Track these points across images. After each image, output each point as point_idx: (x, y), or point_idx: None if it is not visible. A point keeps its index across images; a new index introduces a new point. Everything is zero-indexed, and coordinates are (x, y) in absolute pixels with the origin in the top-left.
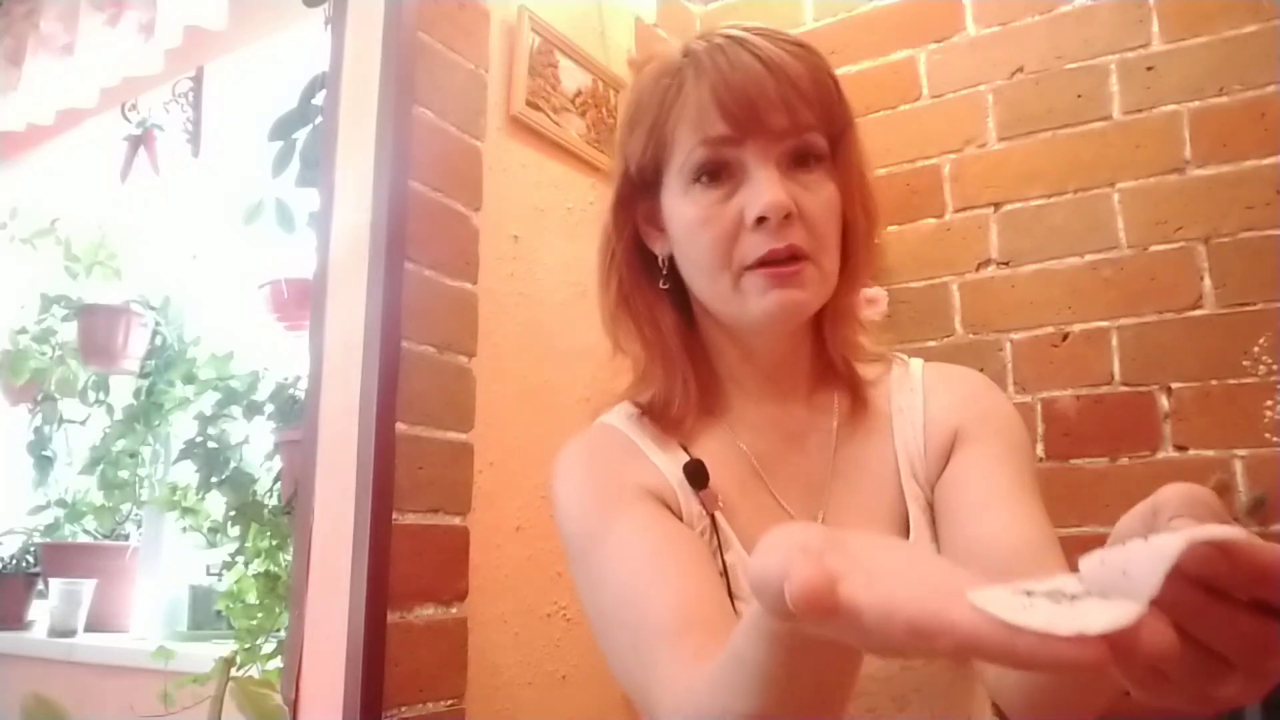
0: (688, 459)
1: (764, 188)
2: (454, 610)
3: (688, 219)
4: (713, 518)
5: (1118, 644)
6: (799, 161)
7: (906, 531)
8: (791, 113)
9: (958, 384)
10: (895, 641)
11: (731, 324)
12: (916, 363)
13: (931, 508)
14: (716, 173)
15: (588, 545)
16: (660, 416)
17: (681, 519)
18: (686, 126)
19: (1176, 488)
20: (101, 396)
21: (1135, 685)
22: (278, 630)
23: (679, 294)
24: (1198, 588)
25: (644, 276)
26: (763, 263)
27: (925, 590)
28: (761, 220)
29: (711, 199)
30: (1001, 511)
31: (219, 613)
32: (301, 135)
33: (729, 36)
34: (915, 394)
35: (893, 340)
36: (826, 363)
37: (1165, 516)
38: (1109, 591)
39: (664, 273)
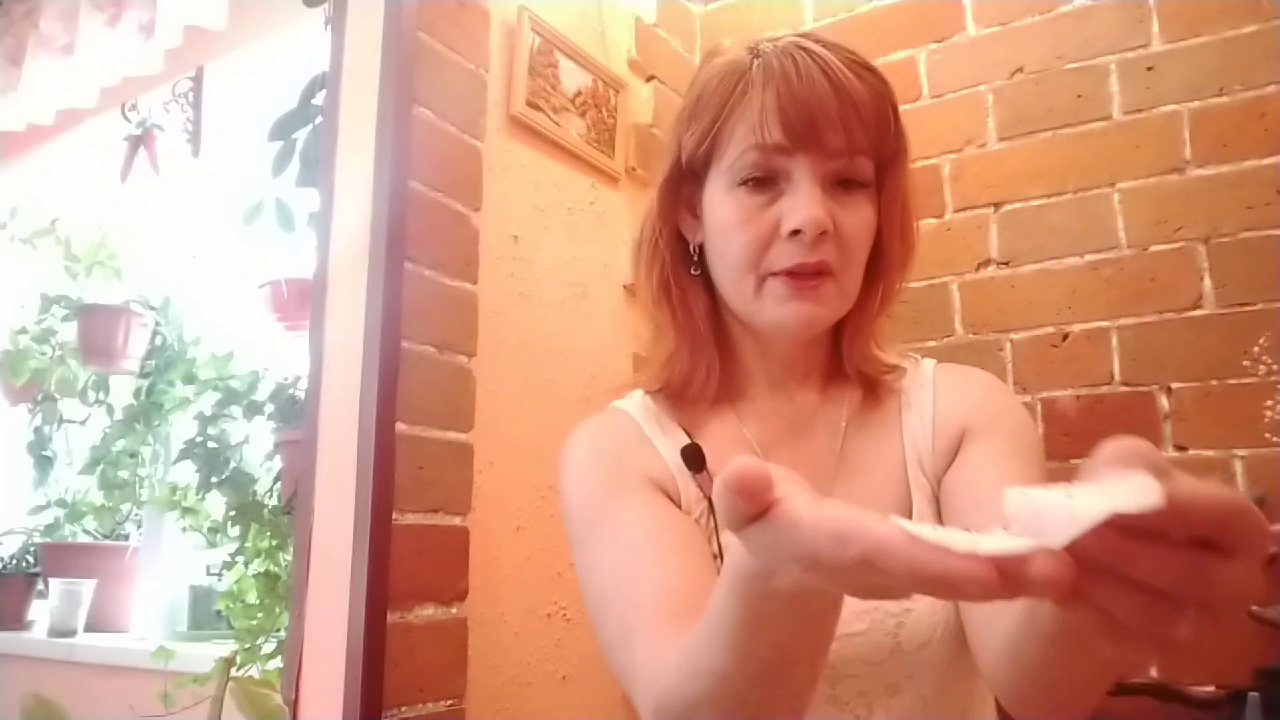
0: (686, 443)
1: (805, 203)
2: (454, 610)
3: (726, 217)
4: (709, 500)
5: (1005, 569)
6: (843, 182)
7: (904, 516)
8: (849, 134)
9: (968, 382)
10: (822, 550)
11: (748, 322)
12: (929, 362)
13: (938, 500)
14: (762, 179)
15: (586, 531)
16: (676, 396)
17: (680, 503)
18: (744, 128)
19: (1114, 443)
20: (101, 396)
21: (1096, 633)
22: (278, 630)
23: (708, 279)
24: (1128, 535)
25: (681, 262)
26: (789, 272)
27: (858, 513)
28: (796, 233)
29: (753, 203)
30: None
31: (219, 613)
32: (301, 135)
33: (801, 46)
34: (925, 389)
35: (892, 341)
36: (842, 363)
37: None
38: (1025, 533)
39: (695, 259)
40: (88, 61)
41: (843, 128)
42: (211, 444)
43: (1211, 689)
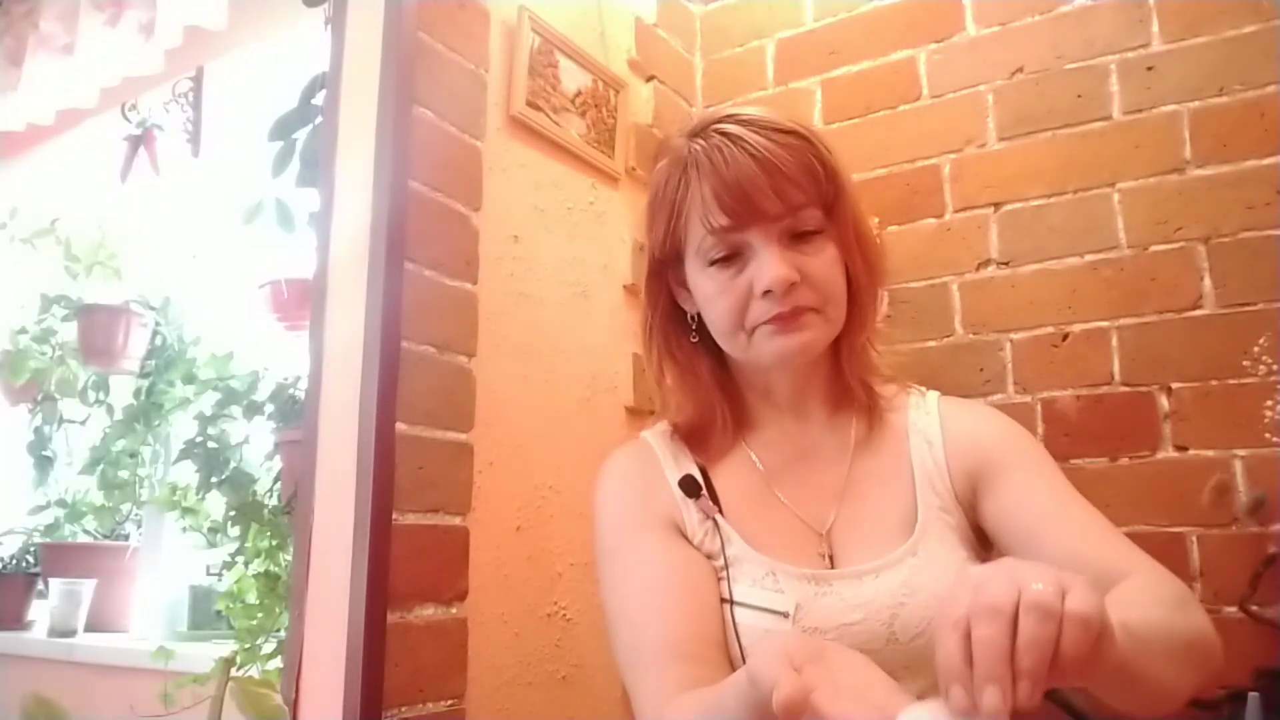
0: (683, 475)
1: (768, 265)
2: (454, 610)
3: (707, 293)
4: (714, 520)
5: None
6: (799, 234)
7: (911, 531)
8: (782, 197)
9: (972, 414)
10: None
11: (752, 368)
12: (932, 394)
13: (951, 513)
14: (727, 255)
15: (608, 558)
16: (698, 440)
17: (686, 528)
18: (695, 218)
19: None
20: (101, 396)
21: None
22: (278, 630)
23: (710, 339)
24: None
25: (681, 334)
26: (769, 320)
27: (873, 714)
28: (768, 292)
29: (725, 276)
30: (1062, 527)
31: (219, 613)
32: (301, 135)
33: (725, 134)
34: (931, 418)
35: (893, 341)
36: (845, 389)
37: None
38: None
39: (694, 327)
40: (88, 61)
41: (775, 194)
42: (211, 444)
43: (1211, 689)
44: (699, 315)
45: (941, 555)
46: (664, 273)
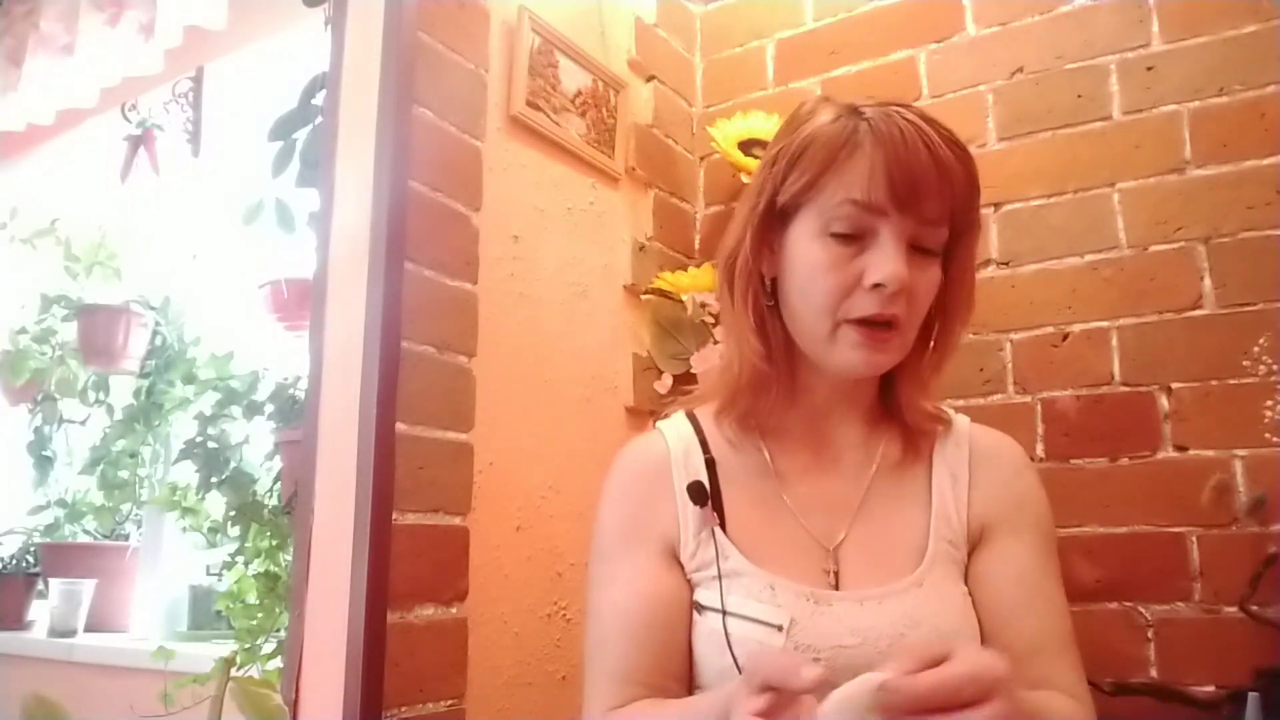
0: (691, 480)
1: (892, 259)
2: (454, 610)
3: (814, 261)
4: (712, 530)
5: None
6: (919, 248)
7: (919, 560)
8: (941, 204)
9: (1000, 464)
10: None
11: (813, 358)
12: (962, 420)
13: (959, 548)
14: (850, 234)
15: (598, 560)
16: (739, 420)
17: (680, 538)
18: (846, 182)
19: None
20: (101, 396)
21: None
22: (278, 630)
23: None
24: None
25: (762, 293)
26: (862, 320)
27: None
28: (877, 286)
29: (841, 252)
30: (1031, 619)
31: (219, 613)
32: (301, 135)
33: (903, 115)
34: (960, 451)
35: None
36: (883, 410)
37: None
38: None
39: (769, 291)
40: (88, 61)
41: (937, 198)
42: (211, 444)
43: (1211, 689)
44: (774, 281)
45: (946, 589)
46: (771, 224)
